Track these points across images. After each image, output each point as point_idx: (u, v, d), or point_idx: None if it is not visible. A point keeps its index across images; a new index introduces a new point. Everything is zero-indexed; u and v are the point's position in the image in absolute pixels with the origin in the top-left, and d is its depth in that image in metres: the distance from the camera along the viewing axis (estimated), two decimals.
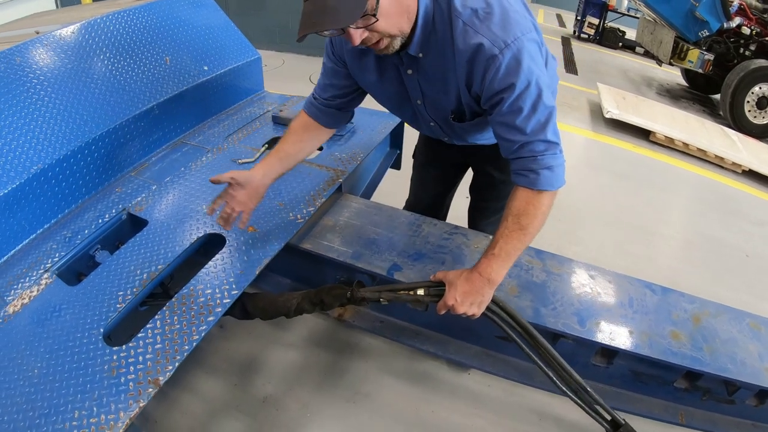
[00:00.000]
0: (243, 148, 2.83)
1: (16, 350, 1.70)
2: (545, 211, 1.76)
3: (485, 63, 1.62)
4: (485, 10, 1.61)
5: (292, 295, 2.12)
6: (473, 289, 1.75)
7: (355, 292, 1.96)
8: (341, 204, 2.58)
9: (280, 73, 8.45)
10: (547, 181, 1.71)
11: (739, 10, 8.50)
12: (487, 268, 1.75)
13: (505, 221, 1.76)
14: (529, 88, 1.62)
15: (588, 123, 7.30)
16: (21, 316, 1.83)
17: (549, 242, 3.88)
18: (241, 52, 3.44)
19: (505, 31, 1.59)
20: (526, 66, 1.60)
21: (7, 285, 1.97)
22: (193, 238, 2.14)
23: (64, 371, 1.61)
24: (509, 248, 1.74)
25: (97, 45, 2.69)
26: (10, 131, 2.19)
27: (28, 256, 2.12)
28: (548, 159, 1.71)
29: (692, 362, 1.91)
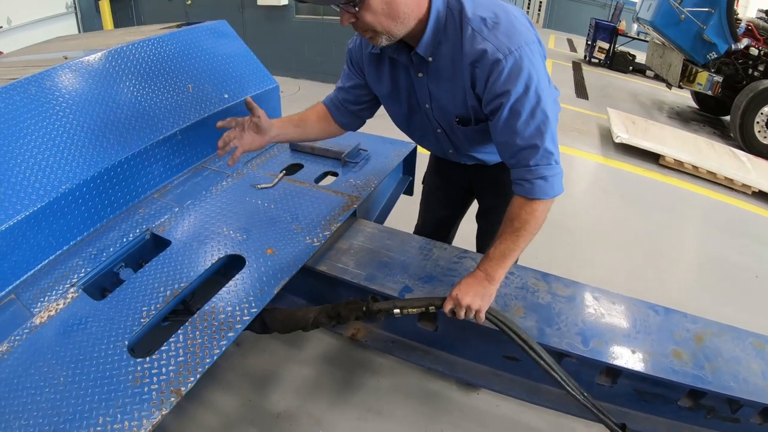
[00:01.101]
0: (262, 174, 2.91)
1: (42, 359, 1.76)
2: (539, 216, 1.86)
3: (489, 67, 1.72)
4: (493, 19, 1.72)
5: (310, 310, 2.21)
6: (475, 282, 1.90)
7: (370, 306, 2.05)
8: (356, 228, 2.65)
9: (296, 100, 8.63)
10: (540, 190, 1.82)
11: (747, 31, 8.59)
12: (484, 265, 1.92)
13: (503, 225, 1.91)
14: (528, 93, 1.72)
15: (598, 148, 7.38)
16: (47, 327, 1.90)
17: (558, 265, 3.93)
18: (260, 81, 3.53)
19: (510, 40, 1.70)
20: (527, 72, 1.70)
21: (34, 297, 2.05)
22: (214, 258, 2.21)
23: (89, 380, 1.67)
24: (503, 248, 1.89)
25: (123, 72, 2.79)
26: (40, 151, 2.29)
27: (54, 270, 2.19)
28: (542, 169, 1.80)
29: (694, 380, 1.94)
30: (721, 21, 8.01)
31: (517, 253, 1.91)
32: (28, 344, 1.83)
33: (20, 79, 2.42)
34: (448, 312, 1.93)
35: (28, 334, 1.87)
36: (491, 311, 1.94)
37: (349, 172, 2.98)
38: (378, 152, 3.21)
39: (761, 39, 8.68)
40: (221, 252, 2.25)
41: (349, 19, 1.66)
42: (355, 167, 3.03)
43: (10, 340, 1.85)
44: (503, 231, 1.90)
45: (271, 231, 2.40)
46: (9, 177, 2.17)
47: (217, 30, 3.50)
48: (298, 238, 2.35)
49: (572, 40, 19.45)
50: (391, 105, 2.24)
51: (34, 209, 2.17)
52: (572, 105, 9.66)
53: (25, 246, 2.16)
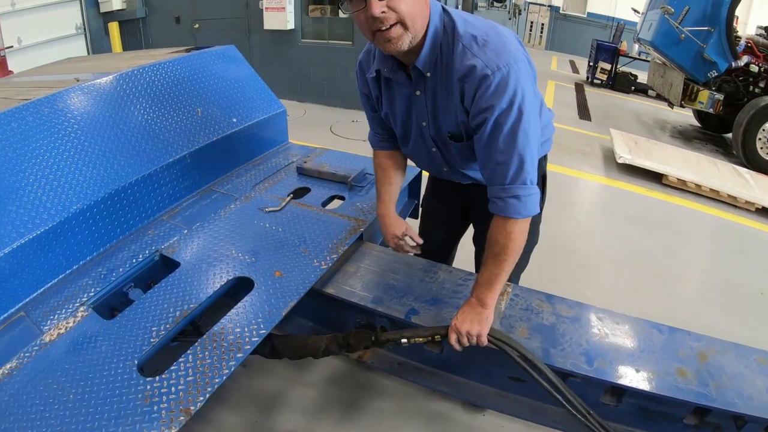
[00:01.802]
0: (269, 197, 2.95)
1: (52, 376, 1.78)
2: (516, 237, 1.91)
3: (477, 82, 1.79)
4: (483, 37, 1.80)
5: (321, 338, 2.24)
6: (469, 309, 1.98)
7: (379, 336, 2.09)
8: (362, 252, 2.68)
9: (302, 123, 8.68)
10: (513, 209, 1.87)
11: (747, 49, 8.62)
12: (475, 291, 2.01)
13: (486, 251, 1.98)
14: (511, 109, 1.77)
15: (601, 169, 7.41)
16: (57, 345, 1.92)
17: (563, 287, 3.94)
18: (268, 105, 3.60)
19: (498, 57, 1.76)
20: (513, 89, 1.75)
21: (44, 315, 2.08)
22: (223, 280, 2.24)
23: (99, 397, 1.68)
24: (488, 274, 1.97)
25: (134, 95, 2.86)
26: (52, 171, 2.35)
27: (64, 289, 2.23)
28: (516, 188, 1.85)
29: (698, 398, 1.95)
30: (720, 39, 8.08)
31: (503, 277, 1.96)
32: (38, 361, 1.85)
33: (33, 100, 2.48)
34: (453, 342, 1.98)
35: (38, 351, 1.90)
36: (494, 333, 1.98)
37: (356, 195, 3.02)
38: None
39: (761, 56, 8.73)
40: (230, 274, 2.28)
41: (381, 8, 1.69)
42: (362, 191, 3.07)
43: (19, 357, 1.87)
44: (486, 257, 1.97)
45: (279, 254, 2.43)
46: (21, 196, 2.21)
47: (225, 55, 3.57)
48: (305, 261, 2.38)
49: (574, 62, 19.58)
50: (392, 123, 2.32)
51: (45, 228, 2.21)
52: (575, 126, 9.72)
53: (36, 264, 2.20)
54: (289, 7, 9.34)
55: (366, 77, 2.20)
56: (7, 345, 1.95)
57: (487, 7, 13.22)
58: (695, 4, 8.15)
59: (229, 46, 3.68)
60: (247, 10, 10.00)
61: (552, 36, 24.06)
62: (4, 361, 1.85)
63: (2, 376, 1.79)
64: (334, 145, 4.64)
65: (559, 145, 8.07)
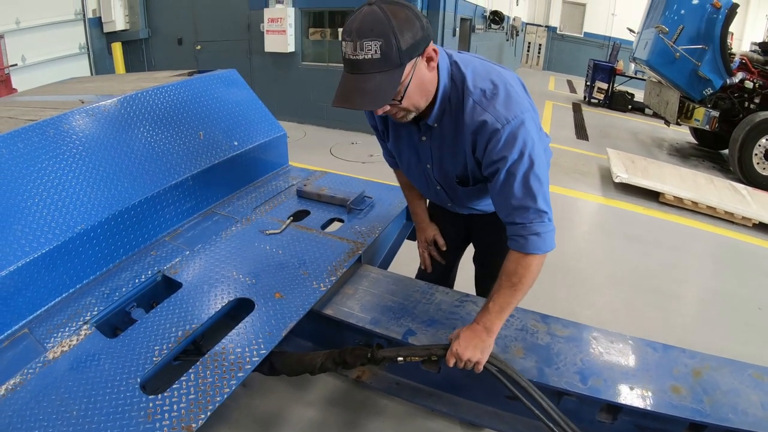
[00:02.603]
0: (270, 220, 2.98)
1: (55, 392, 1.80)
2: (534, 270, 1.95)
3: (488, 135, 1.86)
4: (492, 91, 1.87)
5: (317, 354, 2.26)
6: (474, 335, 1.97)
7: (375, 353, 2.12)
8: (360, 274, 2.71)
9: (303, 145, 8.77)
10: (534, 245, 1.91)
11: (741, 65, 8.79)
12: (483, 318, 1.99)
13: (499, 279, 1.99)
14: (522, 158, 1.84)
15: (599, 188, 7.50)
16: (60, 362, 1.95)
17: (561, 306, 3.99)
18: (268, 129, 3.65)
19: (507, 110, 1.83)
20: (522, 140, 1.82)
21: (48, 333, 2.11)
22: (224, 301, 2.27)
23: (102, 414, 1.71)
24: (501, 302, 1.97)
25: (138, 117, 2.91)
26: (57, 192, 2.39)
27: (68, 307, 2.26)
28: (536, 226, 1.90)
29: (693, 414, 1.96)
30: (715, 57, 8.25)
31: (514, 306, 2.00)
32: (42, 377, 1.88)
33: (39, 121, 2.54)
34: (450, 365, 2.00)
35: (42, 368, 1.92)
36: (491, 359, 2.00)
37: (355, 218, 3.06)
38: (382, 199, 3.30)
39: (756, 72, 8.85)
40: (231, 295, 2.31)
41: (384, 110, 1.82)
42: (360, 214, 3.11)
43: (23, 373, 1.89)
44: (501, 285, 1.98)
45: (279, 276, 2.46)
46: (27, 215, 2.25)
47: (227, 78, 3.62)
48: (305, 282, 2.41)
49: (572, 81, 19.74)
50: (397, 159, 2.40)
51: (49, 248, 2.25)
52: (573, 146, 9.82)
53: (40, 283, 2.23)
54: (289, 30, 9.48)
55: (373, 114, 2.26)
56: (11, 361, 1.98)
57: (484, 29, 13.33)
58: (689, 22, 8.32)
59: (231, 69, 3.73)
60: (249, 32, 10.13)
61: (549, 56, 24.31)
62: (8, 377, 1.88)
63: (6, 392, 1.81)
64: (333, 167, 4.70)
65: (557, 166, 8.14)
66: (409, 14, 1.68)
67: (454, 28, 10.09)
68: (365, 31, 1.64)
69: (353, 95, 1.74)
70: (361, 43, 1.64)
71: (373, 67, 1.67)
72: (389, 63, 1.67)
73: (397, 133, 2.23)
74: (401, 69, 1.70)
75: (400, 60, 1.68)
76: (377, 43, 1.63)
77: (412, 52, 1.70)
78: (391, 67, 1.68)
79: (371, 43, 1.63)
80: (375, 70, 1.67)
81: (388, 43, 1.63)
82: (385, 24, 1.63)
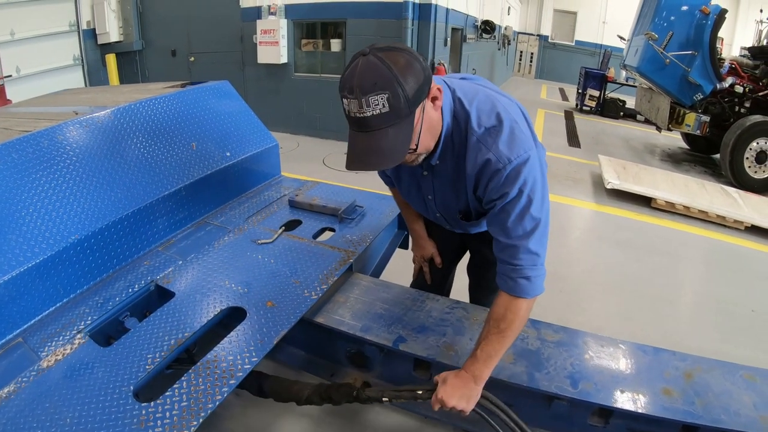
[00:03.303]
0: (262, 230, 3.00)
1: (49, 400, 1.82)
2: (523, 315, 1.93)
3: (491, 175, 1.84)
4: (496, 129, 1.84)
5: (305, 386, 2.31)
6: (461, 383, 1.93)
7: (360, 393, 2.15)
8: (352, 282, 2.73)
9: (296, 156, 8.79)
10: (523, 289, 1.89)
11: (731, 70, 8.88)
12: (471, 366, 1.94)
13: (487, 324, 1.96)
14: (521, 196, 1.82)
15: (590, 195, 7.55)
16: (54, 370, 1.96)
17: (553, 313, 3.96)
18: (261, 140, 3.68)
19: (510, 149, 1.81)
20: (523, 178, 1.81)
21: (42, 341, 2.12)
22: (216, 310, 2.29)
23: (95, 421, 1.72)
24: (489, 350, 1.92)
25: (131, 129, 2.94)
26: (51, 202, 2.41)
27: (62, 317, 2.28)
28: (527, 270, 1.88)
29: (685, 416, 1.97)
30: (704, 62, 8.32)
31: (502, 353, 1.96)
32: (35, 386, 1.89)
33: (33, 132, 2.56)
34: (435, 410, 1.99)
35: (36, 377, 1.93)
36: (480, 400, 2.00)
37: (346, 228, 3.08)
38: (373, 208, 3.32)
39: (745, 76, 8.97)
40: (223, 304, 2.33)
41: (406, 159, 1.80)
42: (351, 223, 3.13)
43: (17, 381, 1.91)
44: (488, 332, 1.94)
45: (271, 284, 2.48)
46: (21, 225, 2.27)
47: (219, 90, 3.66)
48: (296, 291, 2.43)
49: (564, 89, 19.83)
50: (396, 186, 2.40)
51: (44, 257, 2.27)
52: (565, 154, 9.89)
53: (34, 292, 2.25)
54: (282, 41, 9.52)
55: None
56: (5, 370, 1.99)
57: (476, 38, 13.38)
58: (679, 29, 8.40)
59: (223, 81, 3.76)
60: (242, 44, 10.18)
61: (541, 65, 24.44)
62: (2, 385, 1.89)
63: (0, 401, 1.82)
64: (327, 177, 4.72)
65: (549, 173, 8.02)
66: (408, 58, 1.63)
67: (445, 38, 10.11)
68: (368, 86, 1.56)
69: (369, 156, 1.68)
70: (367, 99, 1.57)
71: (383, 122, 1.61)
72: (399, 115, 1.61)
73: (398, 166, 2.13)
74: (411, 117, 1.66)
75: (409, 109, 1.63)
76: (383, 96, 1.56)
77: (418, 97, 1.65)
78: (401, 119, 1.63)
79: (377, 98, 1.56)
80: (386, 124, 1.61)
81: (394, 94, 1.57)
82: (387, 75, 1.56)
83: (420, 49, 9.28)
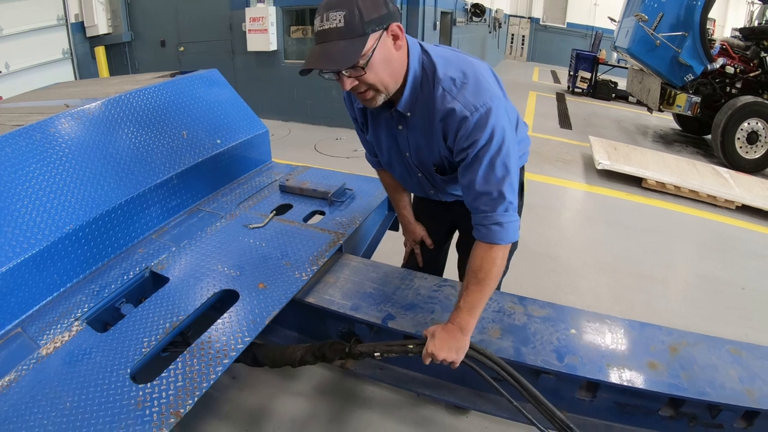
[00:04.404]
0: (253, 215, 3.05)
1: (49, 386, 1.88)
2: (499, 263, 2.02)
3: (458, 123, 1.93)
4: (462, 79, 1.94)
5: (298, 348, 2.34)
6: (448, 335, 1.99)
7: (352, 348, 2.19)
8: (342, 263, 2.78)
9: (287, 142, 8.82)
10: (496, 235, 1.99)
11: (722, 51, 8.88)
12: (456, 318, 2.02)
13: (466, 276, 2.05)
14: (490, 144, 1.91)
15: (581, 176, 7.57)
16: (53, 357, 2.02)
17: (544, 292, 4.04)
18: (251, 127, 3.73)
19: (476, 98, 1.90)
20: (491, 126, 1.89)
21: (40, 330, 2.18)
22: (210, 293, 2.34)
23: (94, 404, 1.78)
24: (471, 300, 2.01)
25: (122, 119, 2.98)
26: (45, 194, 2.46)
27: (59, 306, 2.33)
28: (499, 216, 1.97)
29: (670, 388, 2.01)
30: (695, 43, 8.30)
31: (484, 302, 2.04)
32: (35, 373, 1.95)
33: (25, 126, 2.60)
34: (426, 363, 2.04)
35: (35, 364, 1.99)
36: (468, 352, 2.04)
37: (336, 210, 3.14)
38: (363, 191, 3.38)
39: (736, 57, 8.97)
40: (216, 287, 2.38)
41: (351, 83, 1.88)
42: (341, 206, 3.19)
43: (17, 369, 1.96)
44: (468, 283, 2.04)
45: (262, 267, 2.54)
46: (16, 218, 2.32)
47: (209, 78, 3.69)
48: (287, 273, 2.49)
49: (556, 72, 19.79)
50: (379, 150, 2.45)
51: (39, 248, 2.32)
52: (556, 136, 9.92)
53: (31, 283, 2.30)
54: (271, 29, 9.51)
55: (354, 105, 2.33)
56: (5, 359, 2.04)
57: (466, 22, 13.35)
58: (669, 10, 8.37)
59: (212, 69, 3.80)
60: (231, 32, 10.15)
61: (533, 47, 24.37)
62: (3, 374, 1.95)
63: (1, 388, 1.88)
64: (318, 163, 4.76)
65: (540, 155, 8.22)
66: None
67: (434, 21, 10.13)
68: (331, 4, 1.75)
69: (318, 59, 1.80)
70: (327, 14, 1.74)
71: (337, 34, 1.75)
72: (352, 31, 1.75)
73: (376, 123, 2.30)
74: (364, 38, 1.78)
75: (363, 29, 1.76)
76: (341, 12, 1.73)
77: (375, 24, 1.78)
78: (354, 36, 1.76)
79: (336, 14, 1.73)
80: (339, 37, 1.76)
81: (351, 12, 1.73)
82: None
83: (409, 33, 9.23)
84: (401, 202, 2.82)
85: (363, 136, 2.51)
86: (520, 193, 2.61)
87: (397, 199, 2.82)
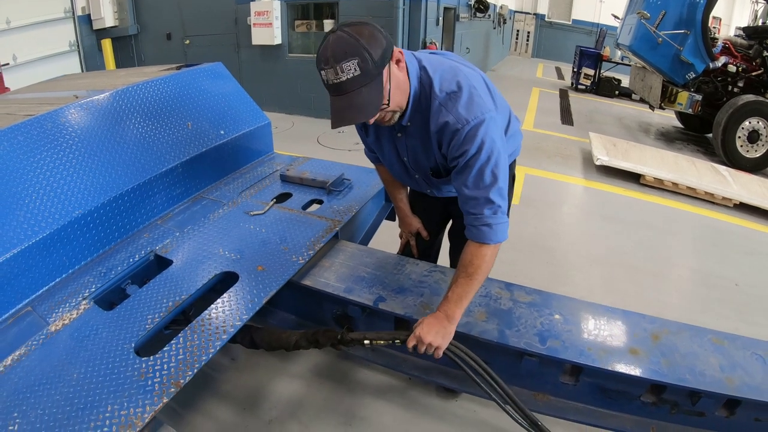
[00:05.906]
0: (254, 203, 3.17)
1: (58, 360, 2.00)
2: (488, 260, 2.16)
3: (451, 135, 2.08)
4: (456, 94, 2.08)
5: (293, 333, 2.49)
6: (436, 322, 2.13)
7: (344, 335, 2.32)
8: (337, 249, 2.89)
9: (291, 135, 8.90)
10: (486, 236, 2.12)
11: (724, 49, 8.82)
12: (444, 306, 2.16)
13: (457, 269, 2.19)
14: (479, 154, 2.05)
15: (580, 171, 7.60)
16: (62, 333, 2.14)
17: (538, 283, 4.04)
18: (253, 118, 3.84)
19: (468, 111, 2.05)
20: (480, 138, 2.03)
21: (50, 309, 2.29)
22: (211, 274, 2.47)
23: (100, 375, 1.90)
24: (460, 291, 2.15)
25: (129, 110, 3.09)
26: (55, 180, 2.58)
27: (68, 286, 2.45)
28: (488, 218, 2.11)
29: (650, 374, 2.09)
30: (697, 41, 8.30)
31: (472, 294, 2.17)
32: (45, 348, 2.07)
33: (36, 116, 2.71)
34: (410, 348, 2.17)
35: (45, 340, 2.11)
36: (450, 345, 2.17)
37: (334, 199, 3.26)
38: (360, 181, 3.50)
39: (738, 56, 8.95)
40: (217, 269, 2.51)
41: (377, 116, 2.02)
42: (339, 195, 3.31)
43: (27, 345, 2.08)
44: (458, 276, 2.17)
45: (261, 251, 2.66)
46: (28, 203, 2.44)
47: (213, 71, 3.80)
48: (285, 256, 2.61)
49: (560, 68, 19.68)
50: (379, 151, 2.59)
51: (49, 231, 2.44)
52: (557, 131, 9.96)
53: (41, 264, 2.42)
54: (276, 23, 9.58)
55: None
56: (16, 336, 2.16)
57: (469, 17, 13.36)
58: (671, 8, 8.36)
59: (217, 63, 3.90)
60: (236, 26, 10.24)
61: (538, 43, 24.31)
62: (14, 349, 2.06)
63: (12, 362, 1.99)
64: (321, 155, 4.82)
65: (540, 150, 8.26)
66: (371, 29, 1.88)
67: (437, 17, 10.18)
68: (340, 55, 1.82)
69: (347, 113, 1.93)
70: (340, 66, 1.82)
71: (356, 83, 1.85)
72: (369, 75, 1.86)
73: (378, 130, 2.43)
74: (380, 77, 1.91)
75: (377, 70, 1.88)
76: (353, 61, 1.82)
77: (384, 59, 1.90)
78: (371, 79, 1.88)
79: (349, 64, 1.82)
80: (359, 85, 1.86)
81: (363, 59, 1.83)
82: (355, 44, 1.82)
83: (411, 29, 9.37)
84: (398, 195, 2.94)
85: (364, 138, 2.61)
86: (511, 184, 2.71)
87: (395, 192, 2.94)
